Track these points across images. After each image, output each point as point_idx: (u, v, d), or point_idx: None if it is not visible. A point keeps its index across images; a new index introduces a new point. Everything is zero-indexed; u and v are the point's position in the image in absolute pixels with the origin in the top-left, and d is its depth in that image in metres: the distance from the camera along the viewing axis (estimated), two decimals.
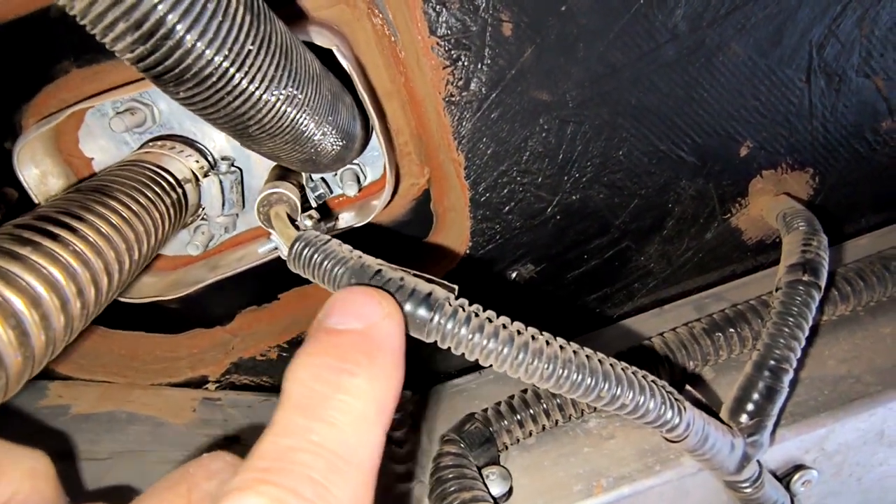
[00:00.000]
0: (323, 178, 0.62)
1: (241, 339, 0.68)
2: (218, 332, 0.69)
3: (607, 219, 0.67)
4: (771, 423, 0.48)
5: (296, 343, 0.67)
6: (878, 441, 0.54)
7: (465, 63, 0.56)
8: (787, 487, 0.53)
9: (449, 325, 0.36)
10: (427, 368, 0.73)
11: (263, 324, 0.69)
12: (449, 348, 0.38)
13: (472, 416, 0.56)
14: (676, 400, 0.40)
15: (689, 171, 0.66)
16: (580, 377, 0.37)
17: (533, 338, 0.37)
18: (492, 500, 0.49)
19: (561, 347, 0.38)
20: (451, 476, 0.50)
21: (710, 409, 0.46)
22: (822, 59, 0.63)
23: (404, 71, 0.58)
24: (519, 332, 0.37)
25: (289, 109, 0.39)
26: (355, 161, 0.63)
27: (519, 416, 0.56)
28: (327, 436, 0.26)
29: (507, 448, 0.57)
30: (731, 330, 0.58)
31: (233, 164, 0.60)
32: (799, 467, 0.53)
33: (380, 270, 0.38)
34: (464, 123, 0.59)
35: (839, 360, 0.57)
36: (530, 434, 0.57)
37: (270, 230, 0.50)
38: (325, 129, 0.45)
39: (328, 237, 0.40)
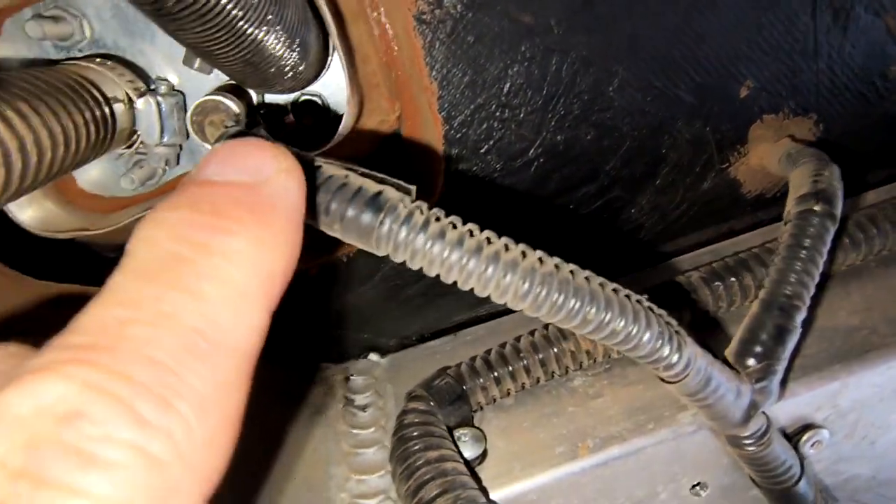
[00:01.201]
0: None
1: None
2: None
3: (596, 163, 0.61)
4: (781, 369, 0.42)
5: None
6: (894, 398, 0.48)
7: None
8: (796, 449, 0.47)
9: (402, 232, 0.29)
10: (396, 329, 0.66)
11: None
12: (405, 265, 0.32)
13: (444, 371, 0.49)
14: (677, 332, 0.34)
15: (686, 112, 0.61)
16: (562, 297, 0.30)
17: (506, 248, 0.31)
18: (462, 460, 0.43)
19: (540, 260, 0.31)
20: (415, 434, 0.43)
21: (713, 352, 0.40)
22: None
23: None
24: (489, 241, 0.31)
25: None
26: (316, 91, 0.56)
27: (496, 373, 0.49)
28: (187, 308, 0.19)
29: (481, 408, 0.50)
30: (733, 279, 0.52)
31: (174, 88, 0.53)
32: (809, 426, 0.48)
33: (319, 167, 0.31)
34: (437, 46, 0.53)
35: (851, 312, 0.52)
36: (508, 393, 0.51)
37: (205, 143, 0.43)
38: (265, 22, 0.39)
39: (263, 132, 0.33)
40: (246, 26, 0.38)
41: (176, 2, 0.34)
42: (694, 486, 0.48)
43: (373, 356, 0.64)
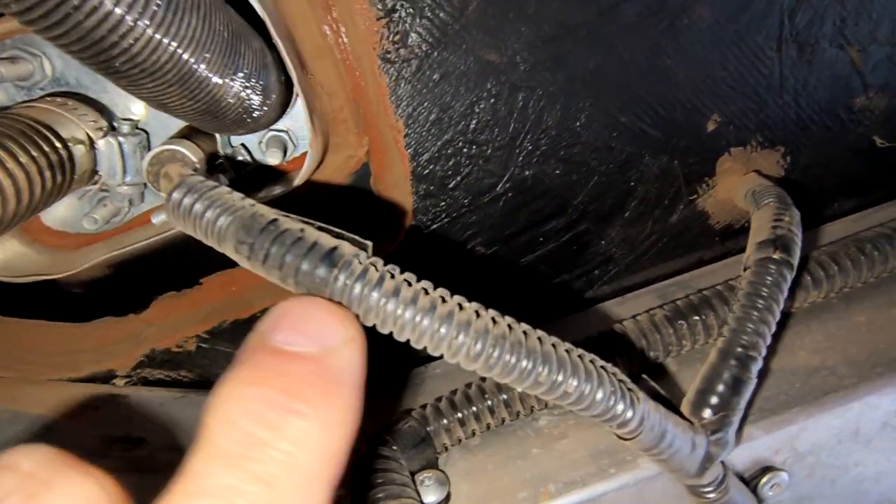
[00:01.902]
0: (244, 145, 0.55)
1: (156, 328, 0.61)
2: (131, 320, 0.61)
3: (564, 198, 0.62)
4: (737, 419, 0.42)
5: (218, 333, 0.60)
6: (854, 439, 0.49)
7: (403, 15, 0.50)
8: (755, 492, 0.48)
9: (356, 288, 0.29)
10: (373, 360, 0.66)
11: (182, 311, 0.62)
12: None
13: (408, 413, 0.49)
14: (629, 390, 0.34)
15: (653, 146, 0.61)
16: (514, 358, 0.30)
17: (459, 307, 0.31)
18: None
19: (493, 321, 0.31)
20: (377, 482, 0.43)
21: (670, 403, 0.40)
22: (793, 25, 0.59)
23: (337, 24, 0.52)
24: (443, 300, 0.31)
25: (159, 36, 0.33)
26: (282, 127, 0.56)
27: (460, 414, 0.49)
28: (262, 499, 0.20)
29: (446, 449, 0.50)
30: (696, 317, 0.53)
31: (137, 127, 0.52)
32: (767, 469, 0.48)
33: (275, 220, 0.31)
34: (402, 84, 0.53)
35: (811, 351, 0.52)
36: (473, 434, 0.51)
37: (160, 193, 0.43)
38: (221, 73, 0.38)
39: (216, 184, 0.33)
40: (199, 81, 0.38)
41: (125, 61, 0.34)
42: None
43: None
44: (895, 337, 0.51)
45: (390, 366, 0.68)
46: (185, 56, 0.36)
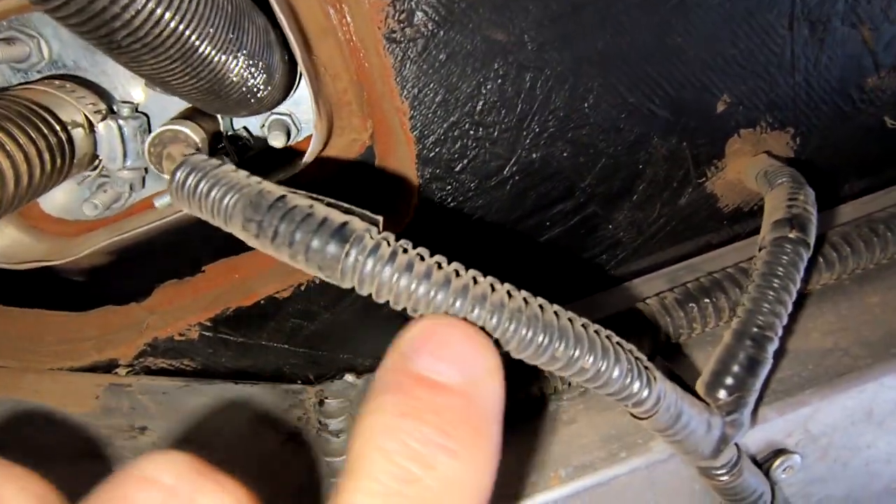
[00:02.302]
0: (246, 129, 0.54)
1: (158, 316, 0.60)
2: (132, 309, 0.60)
3: (572, 180, 0.61)
4: (752, 400, 0.41)
5: (221, 321, 0.59)
6: (867, 420, 0.48)
7: None
8: (767, 474, 0.47)
9: (368, 264, 0.28)
10: (372, 349, 0.65)
11: (185, 299, 0.61)
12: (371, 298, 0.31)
13: None
14: (646, 368, 0.33)
15: (662, 127, 0.60)
16: (530, 332, 0.30)
17: (474, 281, 0.30)
18: None
19: (509, 294, 0.31)
20: None
21: (684, 383, 0.39)
22: (805, 3, 0.58)
23: (341, 3, 0.51)
24: (457, 274, 0.30)
25: (160, 10, 0.31)
26: (286, 110, 0.55)
27: None
28: None
29: None
30: (707, 300, 0.52)
31: (137, 109, 0.51)
32: (780, 452, 0.47)
33: (283, 197, 0.30)
34: (407, 65, 0.52)
35: (824, 333, 0.52)
36: None
37: (163, 175, 0.42)
38: (224, 49, 0.37)
39: (220, 162, 0.32)
40: (202, 57, 0.36)
41: (126, 35, 0.33)
42: None
43: (348, 377, 0.63)
44: None
45: None
46: (188, 31, 0.35)
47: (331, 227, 0.28)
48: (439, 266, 0.29)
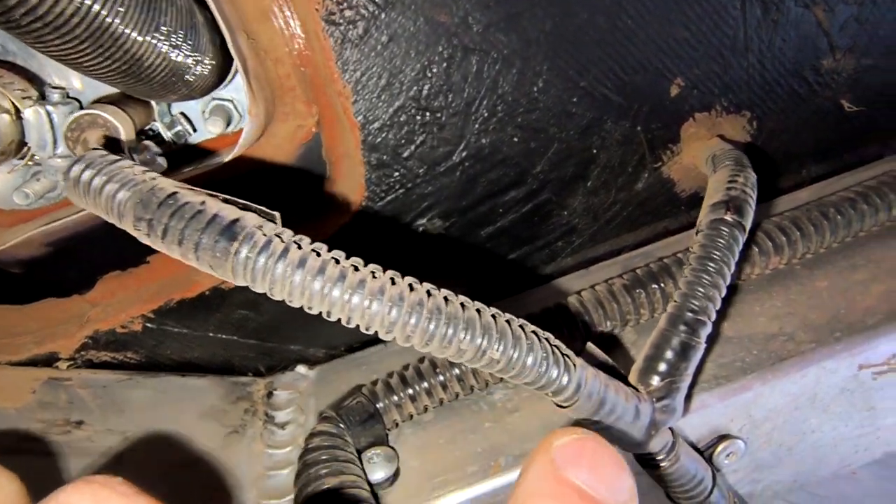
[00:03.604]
0: (184, 115, 0.52)
1: (100, 308, 0.59)
2: (75, 301, 0.59)
3: (523, 167, 0.60)
4: (685, 385, 0.41)
5: (165, 312, 0.58)
6: (811, 405, 0.48)
7: None
8: (710, 460, 0.47)
9: (260, 261, 0.27)
10: (324, 340, 0.65)
11: (129, 291, 0.60)
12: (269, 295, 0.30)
13: (357, 390, 0.48)
14: (564, 356, 0.32)
15: (615, 112, 0.59)
16: (433, 325, 0.29)
17: (373, 275, 0.29)
18: (367, 487, 0.42)
19: (411, 288, 0.30)
20: (321, 458, 0.42)
21: (618, 372, 0.39)
22: None
23: None
24: (355, 269, 0.29)
25: None
26: (228, 96, 0.54)
27: (411, 390, 0.48)
28: None
29: (397, 425, 0.49)
30: (655, 286, 0.51)
31: (69, 96, 0.50)
32: (723, 437, 0.47)
33: (174, 194, 0.29)
34: (348, 48, 0.51)
35: (771, 318, 0.51)
36: (426, 409, 0.49)
37: None
38: (138, 29, 0.36)
39: (118, 158, 0.31)
40: (113, 38, 0.35)
41: (24, 13, 0.31)
42: None
43: (300, 368, 0.62)
44: (855, 301, 0.50)
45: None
46: (94, 10, 0.34)
47: (220, 224, 0.27)
48: (336, 261, 0.29)
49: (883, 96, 0.66)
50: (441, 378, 0.48)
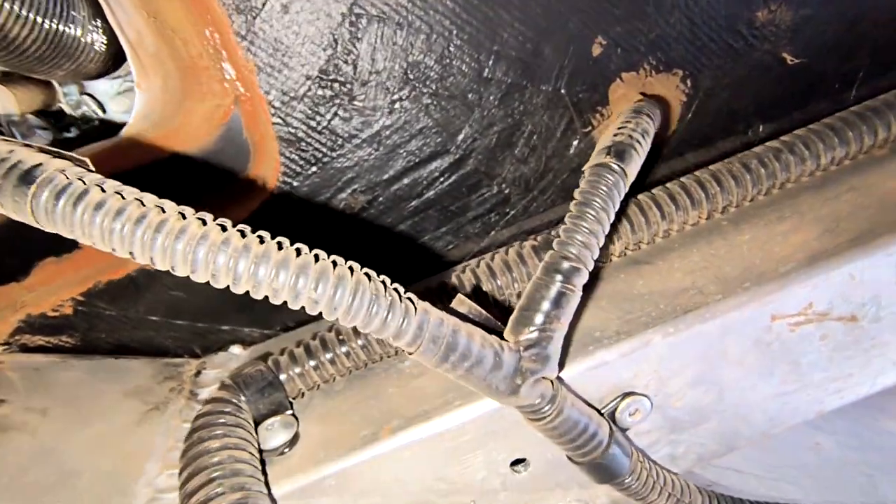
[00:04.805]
0: (92, 96, 0.53)
1: (35, 294, 0.60)
2: (12, 288, 0.61)
3: (444, 136, 0.59)
4: (560, 334, 0.39)
5: (95, 294, 0.59)
6: (723, 359, 0.45)
7: None
8: (613, 418, 0.45)
9: (59, 203, 0.27)
10: (259, 321, 0.64)
11: (65, 276, 0.61)
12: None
13: (259, 359, 0.47)
14: (403, 300, 0.31)
15: (533, 75, 0.58)
16: (248, 267, 0.28)
17: (181, 216, 0.29)
18: (256, 452, 0.41)
19: (241, 234, 0.29)
20: (210, 423, 0.42)
21: (493, 323, 0.37)
22: None
23: None
24: (161, 210, 0.29)
25: None
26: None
27: (315, 360, 0.47)
28: None
29: (302, 394, 0.48)
30: None
31: None
32: (627, 394, 0.45)
33: None
34: (247, 18, 0.51)
35: (686, 272, 0.49)
36: (334, 378, 0.49)
37: None
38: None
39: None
40: None
41: None
42: (514, 464, 0.46)
43: (234, 349, 0.62)
44: (773, 252, 0.48)
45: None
46: None
47: (21, 169, 0.28)
48: (141, 203, 0.28)
49: (827, 48, 0.63)
50: (345, 348, 0.47)
